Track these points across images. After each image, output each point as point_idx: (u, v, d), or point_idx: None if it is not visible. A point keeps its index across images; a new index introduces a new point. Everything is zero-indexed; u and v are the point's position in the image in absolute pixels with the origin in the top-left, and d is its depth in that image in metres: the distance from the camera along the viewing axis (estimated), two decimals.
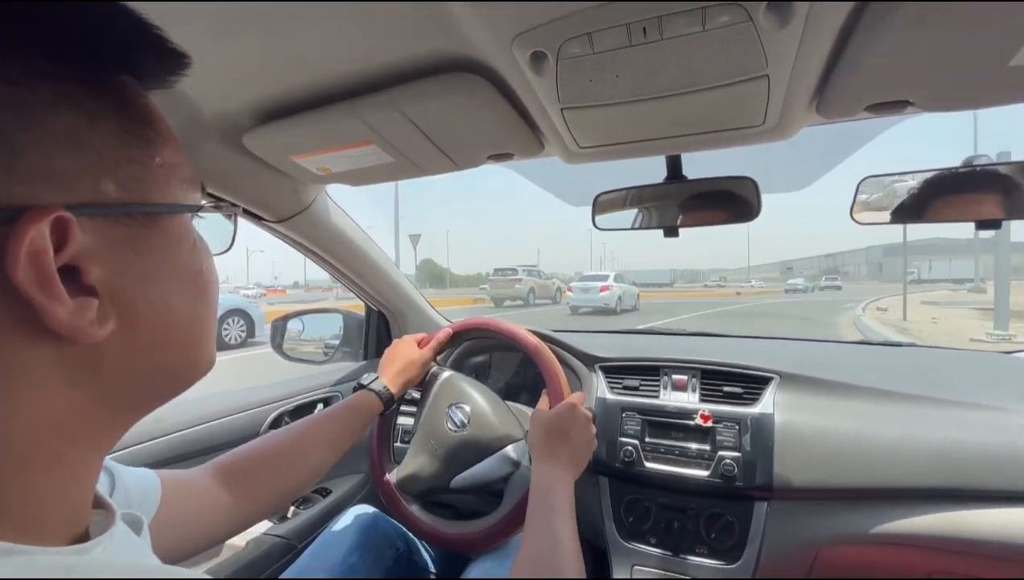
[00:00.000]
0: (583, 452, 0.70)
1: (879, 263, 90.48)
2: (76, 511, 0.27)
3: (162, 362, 0.29)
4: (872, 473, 0.81)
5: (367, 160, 0.74)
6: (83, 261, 0.24)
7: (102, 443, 0.29)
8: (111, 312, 0.25)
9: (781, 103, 0.55)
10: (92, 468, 0.29)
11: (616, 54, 0.47)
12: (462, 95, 0.58)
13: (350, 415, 0.74)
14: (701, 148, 0.69)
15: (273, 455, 0.63)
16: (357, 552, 0.78)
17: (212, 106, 0.64)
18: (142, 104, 0.28)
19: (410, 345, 0.90)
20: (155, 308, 0.28)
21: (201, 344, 0.32)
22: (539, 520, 0.57)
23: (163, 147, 0.29)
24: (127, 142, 0.26)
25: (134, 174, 0.26)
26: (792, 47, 0.46)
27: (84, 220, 0.24)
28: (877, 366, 1.10)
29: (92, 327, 0.24)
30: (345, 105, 0.61)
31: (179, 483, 0.52)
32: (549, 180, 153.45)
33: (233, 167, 0.77)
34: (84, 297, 0.24)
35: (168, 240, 0.29)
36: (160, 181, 0.28)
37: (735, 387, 0.96)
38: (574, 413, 0.72)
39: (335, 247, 1.07)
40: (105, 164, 0.25)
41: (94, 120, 0.25)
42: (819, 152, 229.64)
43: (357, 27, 0.49)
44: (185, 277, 0.30)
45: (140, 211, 0.27)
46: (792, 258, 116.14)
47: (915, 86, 0.52)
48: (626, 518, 0.97)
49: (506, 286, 17.29)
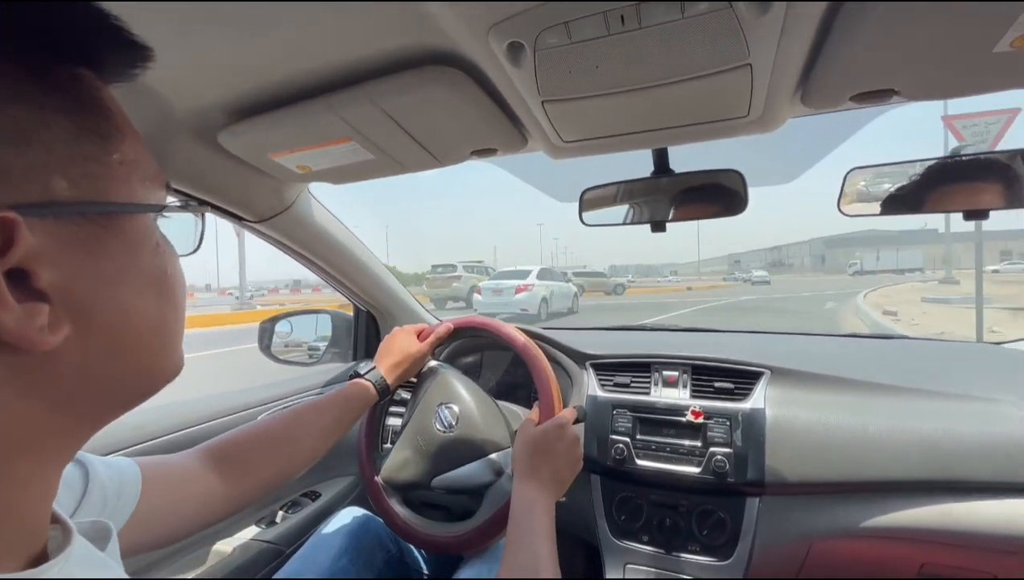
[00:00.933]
0: (566, 473, 0.68)
1: (821, 255, 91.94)
2: (31, 529, 0.26)
3: (124, 368, 0.28)
4: (863, 466, 0.81)
5: (347, 157, 0.72)
6: (32, 264, 0.22)
7: (59, 455, 0.27)
8: (64, 318, 0.24)
9: (765, 94, 0.54)
10: (48, 482, 0.27)
11: (595, 44, 0.46)
12: (441, 89, 0.56)
13: (345, 403, 0.73)
14: (686, 141, 0.68)
15: (265, 439, 0.63)
16: (347, 555, 0.77)
17: (184, 103, 0.63)
18: (99, 98, 0.27)
19: (409, 337, 0.88)
20: (114, 313, 0.26)
21: (166, 349, 0.30)
22: (519, 540, 0.57)
23: (122, 143, 0.27)
24: (81, 138, 0.25)
25: (89, 172, 0.25)
26: (774, 35, 0.44)
27: (34, 221, 0.22)
28: (868, 359, 1.10)
29: (42, 334, 0.23)
30: (322, 101, 0.60)
31: (162, 469, 0.51)
32: (537, 177, 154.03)
33: (209, 166, 0.75)
34: (33, 302, 0.23)
35: (128, 241, 0.27)
36: (119, 179, 0.27)
37: (726, 382, 0.95)
38: (562, 433, 0.70)
39: (320, 247, 1.06)
40: (57, 161, 0.24)
41: (44, 115, 0.23)
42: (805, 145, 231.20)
43: (330, 20, 0.48)
44: (147, 280, 0.29)
45: (95, 210, 0.25)
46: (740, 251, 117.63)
47: (900, 75, 0.51)
48: (618, 516, 0.96)
49: (443, 284, 15.35)
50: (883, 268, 62.83)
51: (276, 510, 1.06)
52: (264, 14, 0.46)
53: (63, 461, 0.28)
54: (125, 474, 0.46)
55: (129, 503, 0.45)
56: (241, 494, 0.58)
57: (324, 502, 1.12)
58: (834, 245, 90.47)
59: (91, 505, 0.41)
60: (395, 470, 0.82)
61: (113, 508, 0.43)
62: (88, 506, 0.41)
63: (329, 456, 1.10)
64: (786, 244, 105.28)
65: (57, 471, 0.28)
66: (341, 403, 0.73)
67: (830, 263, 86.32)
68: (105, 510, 0.42)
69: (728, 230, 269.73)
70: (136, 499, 0.46)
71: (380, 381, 0.79)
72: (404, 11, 0.46)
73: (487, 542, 0.77)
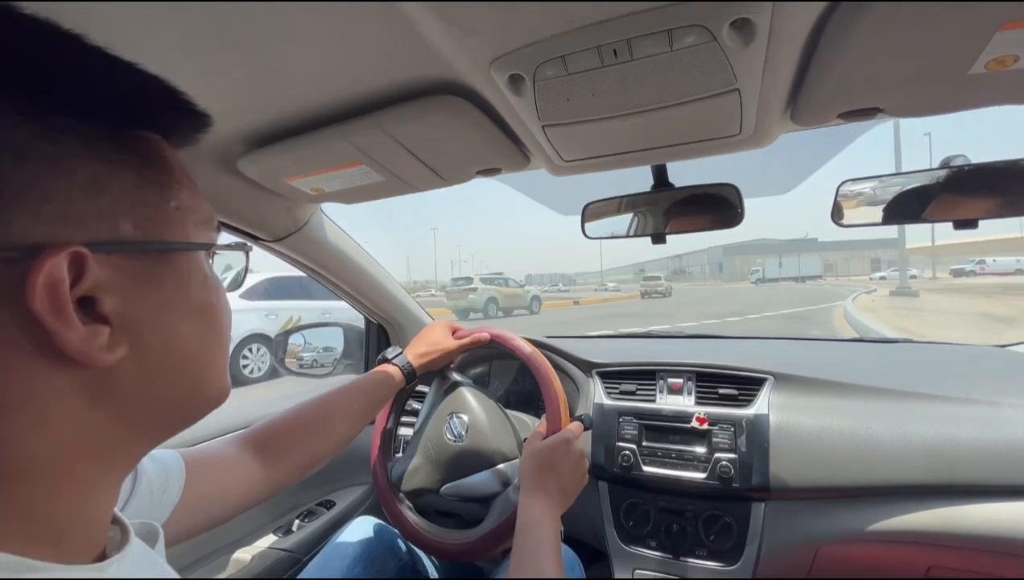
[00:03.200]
0: (572, 488, 0.69)
1: (719, 263, 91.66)
2: (95, 529, 0.29)
3: (173, 389, 0.31)
4: (867, 471, 0.82)
5: (358, 180, 0.76)
6: (99, 292, 0.26)
7: (120, 464, 0.31)
8: (123, 339, 0.27)
9: (755, 114, 0.57)
10: (111, 488, 0.30)
11: (590, 74, 0.49)
12: (446, 116, 0.60)
13: (374, 386, 0.77)
14: (682, 157, 0.70)
15: (300, 424, 0.67)
16: (361, 563, 0.80)
17: (208, 135, 0.66)
18: (162, 156, 0.31)
19: (444, 331, 0.91)
20: (164, 337, 0.30)
21: (210, 373, 0.34)
22: (525, 556, 0.58)
23: (179, 192, 0.31)
24: (144, 188, 0.29)
25: (150, 215, 0.29)
26: (758, 62, 0.47)
27: (101, 256, 0.26)
28: (871, 363, 1.11)
29: (102, 352, 0.26)
30: (334, 129, 0.63)
31: (204, 458, 0.55)
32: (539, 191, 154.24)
33: (229, 191, 0.79)
34: (97, 325, 0.26)
35: (180, 275, 0.31)
36: (174, 222, 0.31)
37: (730, 389, 0.97)
38: (568, 448, 0.71)
39: (332, 263, 1.10)
40: (123, 207, 0.28)
41: (114, 170, 0.27)
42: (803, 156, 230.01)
43: (340, 55, 0.51)
44: (195, 309, 0.32)
45: (152, 248, 0.29)
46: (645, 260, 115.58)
47: (884, 94, 0.53)
48: (626, 522, 0.98)
49: (460, 296, 15.43)
50: (785, 275, 62.75)
51: (293, 519, 1.09)
52: (279, 51, 0.50)
53: (124, 470, 0.31)
54: (170, 468, 0.49)
55: (174, 496, 0.48)
56: (279, 478, 0.61)
57: (339, 511, 1.15)
58: (732, 253, 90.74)
59: (139, 499, 0.44)
60: (406, 477, 0.84)
61: (159, 502, 0.46)
62: (136, 500, 0.44)
63: (343, 465, 1.14)
64: (687, 252, 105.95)
65: (119, 479, 0.31)
66: (370, 386, 0.76)
67: (728, 271, 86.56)
68: (151, 504, 0.45)
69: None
70: (181, 490, 0.49)
71: (407, 366, 0.82)
72: (412, 46, 0.49)
73: (494, 549, 0.78)
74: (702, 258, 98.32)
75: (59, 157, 0.25)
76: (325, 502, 1.17)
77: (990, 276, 38.16)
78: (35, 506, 0.25)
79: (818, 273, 64.41)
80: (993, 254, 48.05)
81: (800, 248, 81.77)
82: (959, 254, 44.05)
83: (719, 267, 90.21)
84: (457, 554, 0.79)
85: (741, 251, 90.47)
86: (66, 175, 0.25)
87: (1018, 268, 42.53)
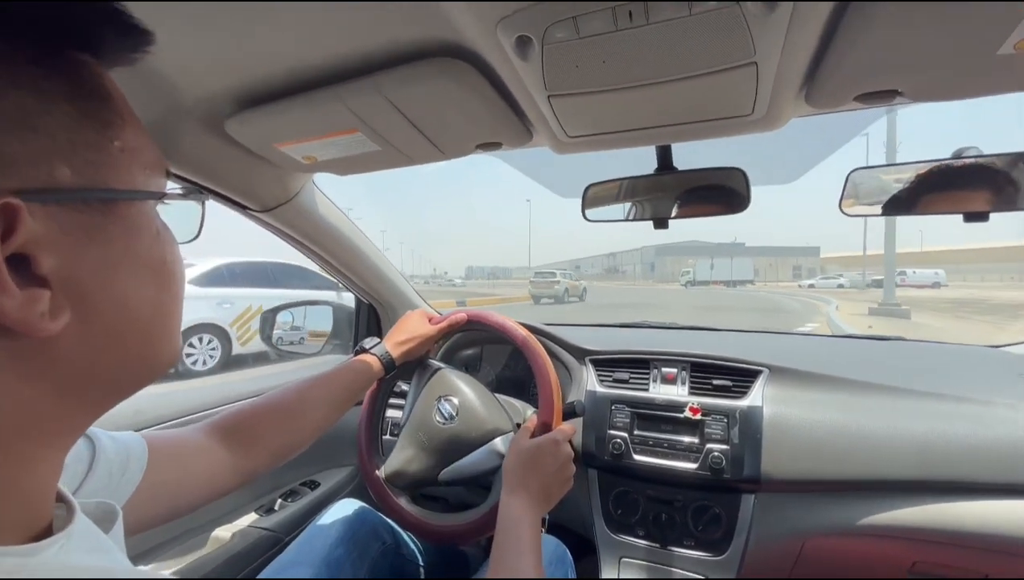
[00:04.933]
0: (555, 491, 0.68)
1: (652, 263, 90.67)
2: (34, 508, 0.26)
3: (123, 356, 0.28)
4: (858, 465, 0.82)
5: (353, 148, 0.73)
6: (34, 250, 0.22)
7: (62, 439, 0.28)
8: (65, 304, 0.24)
9: (770, 92, 0.55)
10: (52, 464, 0.27)
11: (602, 39, 0.46)
12: (448, 81, 0.57)
13: (351, 376, 0.74)
14: (690, 138, 0.68)
15: (272, 412, 0.64)
16: (343, 545, 0.78)
17: (193, 91, 0.63)
18: (99, 84, 0.27)
19: (420, 319, 0.89)
20: (114, 299, 0.26)
21: (164, 337, 0.30)
22: (504, 555, 0.57)
23: (123, 129, 0.27)
24: (83, 124, 0.25)
25: (91, 158, 0.25)
26: (780, 34, 0.45)
27: (35, 207, 0.22)
28: (866, 359, 1.11)
29: (43, 320, 0.23)
30: (329, 91, 0.60)
31: (169, 443, 0.52)
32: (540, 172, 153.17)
33: (216, 155, 0.75)
34: (34, 288, 0.23)
35: (128, 228, 0.27)
36: (120, 166, 0.27)
37: (724, 380, 0.96)
38: (556, 449, 0.69)
39: (323, 238, 1.06)
40: (59, 148, 0.24)
41: (46, 101, 0.23)
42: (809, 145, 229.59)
43: (341, 11, 0.48)
44: (147, 267, 0.29)
45: (97, 197, 0.25)
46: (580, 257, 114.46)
47: (904, 76, 0.51)
48: (615, 511, 0.97)
49: (546, 287, 19.84)
50: (716, 278, 60.72)
51: (275, 498, 1.07)
52: (274, 3, 0.46)
53: (66, 444, 0.28)
54: (131, 448, 0.46)
55: (134, 478, 0.45)
56: (248, 468, 0.59)
57: (322, 492, 1.13)
58: (663, 253, 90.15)
59: (97, 479, 0.41)
60: (400, 468, 0.82)
61: (117, 483, 0.43)
62: (94, 480, 0.41)
63: (328, 447, 1.12)
64: (621, 251, 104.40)
65: (60, 454, 0.28)
66: (347, 376, 0.74)
67: (659, 271, 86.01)
68: (110, 485, 0.43)
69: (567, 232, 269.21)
70: (141, 473, 0.46)
71: (385, 355, 0.80)
72: (415, 3, 0.46)
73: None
74: (635, 257, 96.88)
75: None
76: (309, 482, 1.15)
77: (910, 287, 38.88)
78: None
79: (750, 277, 62.34)
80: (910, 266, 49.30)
81: (730, 252, 79.48)
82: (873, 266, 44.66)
83: (651, 267, 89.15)
84: (468, 533, 0.77)
85: (673, 252, 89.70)
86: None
87: (935, 280, 43.74)
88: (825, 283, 44.61)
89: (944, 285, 42.48)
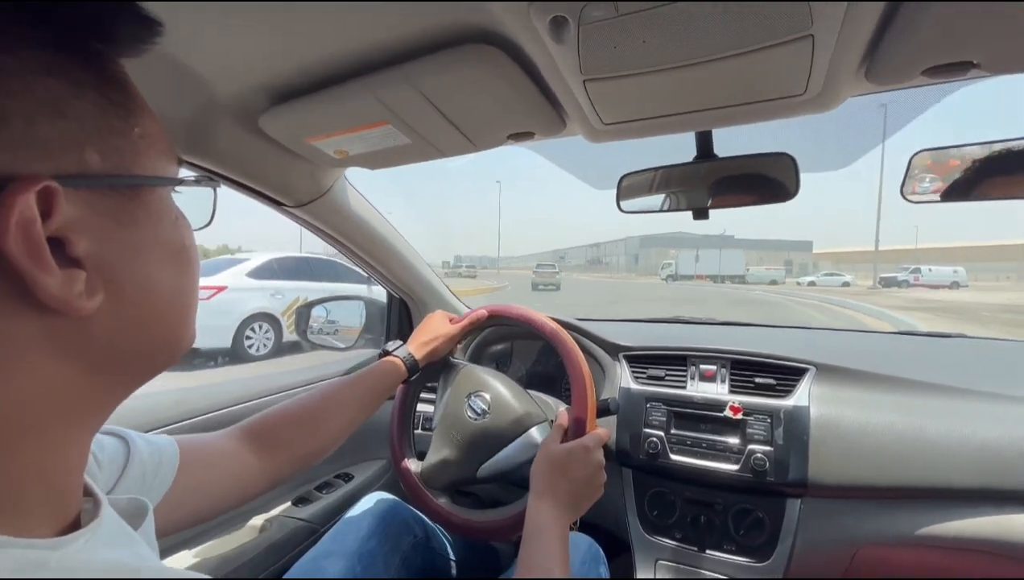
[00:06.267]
0: (584, 498, 0.66)
1: (635, 254, 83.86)
2: (63, 497, 0.27)
3: (148, 337, 0.29)
4: (917, 471, 0.76)
5: (383, 141, 0.72)
6: (69, 232, 0.23)
7: (90, 420, 0.28)
8: (98, 284, 0.25)
9: (825, 69, 0.50)
10: (80, 448, 0.28)
11: (643, 16, 0.44)
12: (478, 69, 0.55)
13: (375, 379, 0.75)
14: (734, 122, 0.64)
15: (298, 416, 0.64)
16: (375, 538, 0.78)
17: (228, 87, 0.63)
18: (120, 73, 0.27)
19: (441, 319, 0.90)
20: (140, 282, 0.27)
21: (184, 320, 0.31)
22: (531, 563, 0.55)
23: (141, 117, 0.28)
24: (108, 111, 0.26)
25: (116, 145, 0.26)
26: (840, 2, 0.41)
27: (69, 191, 0.23)
28: (922, 358, 1.04)
29: (81, 299, 0.24)
30: (358, 83, 0.59)
31: (200, 447, 0.53)
32: (573, 163, 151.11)
33: (251, 151, 0.76)
34: (71, 269, 0.23)
35: (151, 213, 0.28)
36: (141, 152, 0.27)
37: (767, 378, 0.91)
38: (587, 457, 0.67)
39: (355, 234, 1.07)
40: (88, 134, 0.24)
41: (76, 88, 0.24)
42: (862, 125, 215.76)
43: None
44: (168, 252, 0.29)
45: (125, 183, 0.26)
46: (564, 247, 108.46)
47: (981, 45, 0.46)
48: (650, 511, 0.94)
49: (549, 277, 23.91)
50: (702, 272, 52.29)
51: (310, 489, 1.09)
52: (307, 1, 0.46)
53: (94, 427, 0.29)
54: (164, 451, 0.47)
55: (166, 480, 0.46)
56: (276, 472, 0.59)
57: (356, 484, 1.14)
58: (648, 245, 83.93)
59: (130, 480, 0.42)
60: (437, 469, 0.81)
61: (151, 485, 0.44)
62: (127, 481, 0.42)
63: (362, 440, 1.13)
64: (605, 241, 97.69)
65: (88, 437, 0.29)
66: (371, 380, 0.74)
67: (643, 263, 79.38)
68: (143, 486, 0.43)
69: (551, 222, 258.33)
70: (173, 476, 0.46)
71: (408, 357, 0.80)
72: None
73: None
74: (619, 248, 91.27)
75: (11, 69, 0.22)
76: (343, 474, 1.17)
77: (924, 288, 32.25)
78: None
79: (741, 272, 51.79)
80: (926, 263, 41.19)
81: (719, 244, 69.85)
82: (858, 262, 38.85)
83: (635, 259, 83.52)
84: (509, 528, 0.76)
85: (658, 243, 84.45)
86: (23, 92, 0.22)
87: (955, 280, 35.62)
88: (827, 281, 37.82)
89: (964, 285, 35.56)
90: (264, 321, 5.86)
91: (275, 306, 5.90)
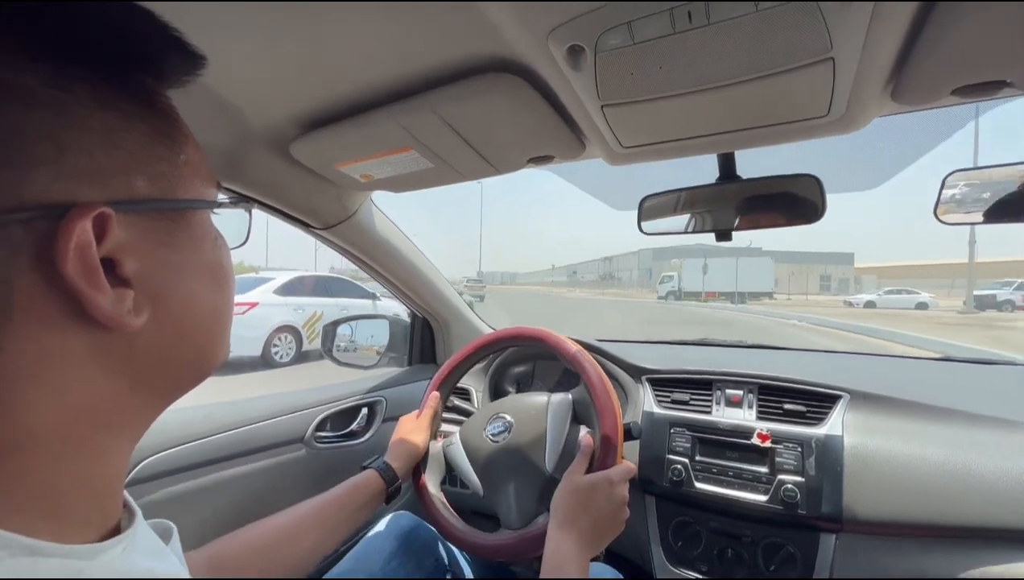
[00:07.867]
0: (607, 532, 0.64)
1: (648, 268, 74.88)
2: (104, 504, 0.28)
3: (188, 353, 0.30)
4: (964, 509, 0.71)
5: (407, 166, 0.74)
6: (120, 254, 0.25)
7: (132, 431, 0.30)
8: (144, 303, 0.26)
9: (848, 90, 0.50)
10: (122, 458, 0.29)
11: (659, 43, 0.44)
12: (499, 96, 0.57)
13: (349, 494, 0.71)
14: (756, 144, 0.63)
15: (259, 543, 0.60)
16: (397, 558, 0.78)
17: (260, 118, 0.67)
18: (166, 104, 0.30)
19: (408, 421, 0.87)
20: (182, 299, 0.29)
21: (220, 336, 0.33)
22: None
23: (186, 145, 0.30)
24: (155, 141, 0.28)
25: (162, 171, 0.28)
26: (862, 23, 0.41)
27: (120, 215, 0.25)
28: (966, 387, 0.98)
29: (129, 316, 0.25)
30: (384, 111, 0.62)
31: None
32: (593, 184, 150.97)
33: (281, 176, 0.80)
34: (121, 288, 0.25)
35: (193, 234, 0.30)
36: (185, 178, 0.29)
37: (797, 405, 0.88)
38: (611, 491, 0.65)
39: (380, 254, 1.09)
40: (137, 162, 0.26)
41: (127, 120, 0.26)
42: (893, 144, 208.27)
43: (395, 32, 0.49)
44: (208, 271, 0.31)
45: (169, 207, 0.28)
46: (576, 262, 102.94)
47: (1013, 63, 0.45)
48: (674, 542, 0.91)
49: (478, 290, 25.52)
50: (712, 289, 40.62)
51: None
52: (332, 29, 0.48)
53: (135, 437, 0.30)
54: None
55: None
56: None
57: None
58: (661, 258, 74.43)
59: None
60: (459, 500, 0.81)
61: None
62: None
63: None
64: (617, 255, 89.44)
65: (129, 447, 0.30)
66: (347, 493, 0.71)
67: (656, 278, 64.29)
68: None
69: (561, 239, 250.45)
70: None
71: (384, 468, 0.76)
72: (466, 19, 0.47)
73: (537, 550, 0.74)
74: (631, 262, 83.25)
75: (69, 105, 0.24)
76: None
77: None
78: (39, 476, 0.24)
79: (768, 289, 42.06)
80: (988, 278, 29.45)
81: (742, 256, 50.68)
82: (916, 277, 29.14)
83: (648, 273, 74.64)
84: (500, 551, 0.75)
85: (673, 255, 73.85)
86: (79, 125, 0.24)
87: None
88: (894, 300, 27.71)
89: None
90: (288, 332, 6.81)
91: (297, 319, 6.86)
